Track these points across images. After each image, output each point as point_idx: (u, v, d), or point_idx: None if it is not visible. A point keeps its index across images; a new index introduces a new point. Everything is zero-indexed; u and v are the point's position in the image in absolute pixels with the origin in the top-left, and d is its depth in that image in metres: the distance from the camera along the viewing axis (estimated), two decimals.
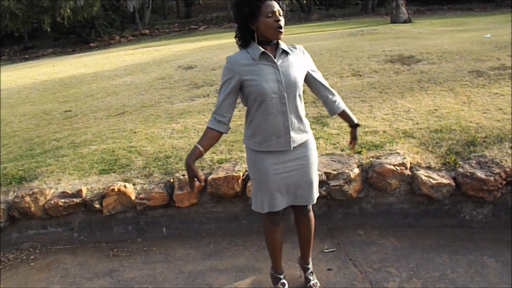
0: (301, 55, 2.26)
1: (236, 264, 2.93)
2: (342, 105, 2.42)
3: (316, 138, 3.80)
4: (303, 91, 2.30)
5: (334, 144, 3.68)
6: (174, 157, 3.91)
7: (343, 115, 2.46)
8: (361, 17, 20.48)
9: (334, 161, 3.36)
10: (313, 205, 3.31)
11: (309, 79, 2.32)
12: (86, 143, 4.56)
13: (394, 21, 13.42)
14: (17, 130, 5.52)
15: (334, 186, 3.14)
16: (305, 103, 4.84)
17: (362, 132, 3.84)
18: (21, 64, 15.53)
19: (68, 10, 19.48)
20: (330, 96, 2.38)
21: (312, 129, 4.03)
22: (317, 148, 3.57)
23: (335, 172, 3.17)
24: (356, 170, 3.21)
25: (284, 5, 2.12)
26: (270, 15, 2.02)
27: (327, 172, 3.18)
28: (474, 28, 9.57)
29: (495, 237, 2.97)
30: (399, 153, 3.38)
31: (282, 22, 2.06)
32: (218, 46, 10.95)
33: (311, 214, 2.46)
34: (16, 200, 3.58)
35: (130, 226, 3.55)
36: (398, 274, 2.63)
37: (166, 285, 2.80)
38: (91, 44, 21.32)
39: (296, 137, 2.22)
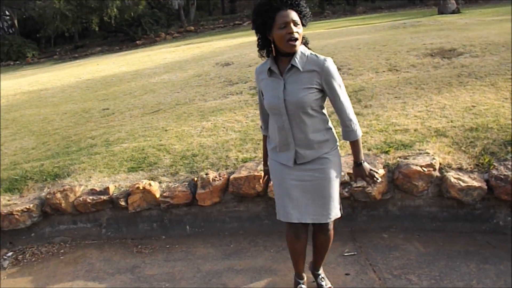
0: (318, 71, 2.02)
1: (254, 265, 2.90)
2: (353, 136, 2.17)
3: None
4: None
5: (362, 143, 3.52)
6: (200, 155, 3.94)
7: (352, 147, 2.24)
8: (408, 8, 19.72)
9: None
10: None
11: (328, 97, 2.13)
12: (119, 141, 4.69)
13: (441, 12, 12.81)
14: (57, 128, 5.77)
15: (357, 187, 3.03)
16: None
17: (392, 131, 3.68)
18: (70, 63, 16.27)
19: (115, 9, 20.17)
20: (346, 122, 2.14)
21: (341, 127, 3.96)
22: (344, 147, 3.51)
23: None
24: (381, 171, 3.08)
25: (305, 11, 2.00)
26: (283, 26, 1.94)
27: (350, 173, 3.07)
28: None
29: None
30: (429, 153, 3.21)
31: (296, 34, 1.95)
32: None
33: (330, 232, 2.35)
34: (48, 196, 3.73)
35: (155, 223, 3.61)
36: (419, 283, 2.49)
37: (182, 284, 2.82)
38: (138, 42, 21.93)
39: (305, 153, 2.14)
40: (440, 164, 3.13)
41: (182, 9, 25.27)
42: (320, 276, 2.49)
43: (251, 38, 2.21)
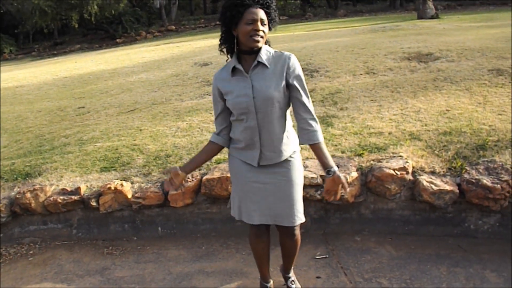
0: (281, 67, 2.01)
1: (225, 267, 2.87)
2: (317, 137, 2.02)
3: None
4: None
5: (336, 145, 3.55)
6: (174, 156, 3.88)
7: (318, 151, 2.01)
8: (389, 12, 19.96)
9: None
10: (309, 209, 3.25)
11: (289, 94, 2.04)
12: (93, 140, 4.59)
13: (421, 17, 12.99)
14: (31, 126, 5.63)
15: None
16: (312, 101, 4.73)
17: (366, 134, 3.69)
18: (48, 60, 15.94)
19: (95, 7, 19.86)
20: (309, 121, 2.03)
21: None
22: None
23: None
24: (354, 174, 3.08)
25: (274, 15, 2.00)
26: (250, 22, 1.92)
27: (322, 175, 3.06)
28: (504, 23, 9.10)
29: (501, 249, 2.78)
30: (402, 157, 3.22)
31: (261, 32, 1.94)
32: None
33: (296, 237, 2.29)
34: (17, 196, 3.63)
35: (127, 224, 3.54)
36: (390, 286, 2.49)
37: (152, 286, 2.77)
38: (118, 40, 21.62)
39: (270, 155, 2.09)
40: (413, 167, 3.14)
41: (163, 8, 25.04)
42: (290, 279, 2.47)
43: None
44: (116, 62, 10.27)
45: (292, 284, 2.46)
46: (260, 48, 2.00)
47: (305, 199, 3.13)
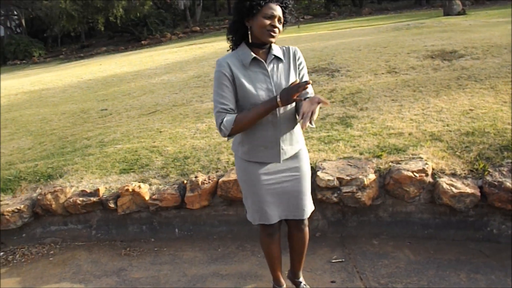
0: (293, 61, 2.09)
1: (240, 270, 2.85)
2: None
3: (336, 140, 3.64)
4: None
5: (354, 147, 3.48)
6: (192, 157, 3.89)
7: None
8: (414, 10, 19.57)
9: (350, 165, 3.18)
10: (326, 211, 3.20)
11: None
12: (114, 142, 4.66)
13: (447, 14, 12.68)
14: (55, 128, 5.77)
15: (346, 192, 2.96)
16: (332, 102, 4.67)
17: (386, 134, 3.61)
18: (75, 63, 16.33)
19: (121, 10, 20.24)
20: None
21: (334, 130, 3.91)
22: (336, 151, 3.46)
23: (348, 178, 2.99)
24: (372, 176, 3.01)
25: (288, 18, 2.03)
26: (269, 16, 1.93)
27: (339, 178, 3.01)
28: None
29: None
30: (422, 158, 3.13)
31: (277, 29, 1.96)
32: None
33: (307, 229, 2.33)
34: (39, 197, 3.71)
35: (144, 226, 3.57)
36: None
37: None
38: (143, 42, 21.98)
39: (287, 149, 2.13)
40: (433, 169, 3.05)
41: (188, 10, 25.31)
42: (302, 284, 2.43)
43: None
44: (139, 64, 10.43)
45: None
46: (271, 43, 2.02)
47: (322, 201, 3.12)
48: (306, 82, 1.80)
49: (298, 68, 2.09)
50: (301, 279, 2.46)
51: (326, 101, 1.82)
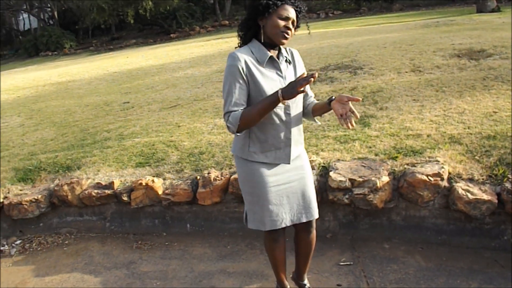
0: (298, 63, 2.14)
1: (247, 268, 2.84)
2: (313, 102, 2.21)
3: (352, 140, 3.58)
4: None
5: (370, 147, 3.41)
6: (207, 153, 3.90)
7: (318, 108, 2.13)
8: (447, 6, 18.96)
9: (364, 166, 3.11)
10: (338, 212, 3.15)
11: None
12: (132, 135, 4.72)
13: (480, 11, 12.23)
14: (78, 120, 5.89)
15: (357, 194, 2.90)
16: None
17: (403, 135, 3.51)
18: (103, 55, 16.66)
19: (150, 2, 20.48)
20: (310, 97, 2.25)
21: (352, 129, 3.82)
22: (351, 151, 3.41)
23: (360, 179, 2.93)
24: (385, 178, 2.93)
25: (299, 22, 2.01)
26: (284, 17, 1.92)
27: (352, 179, 2.95)
28: None
29: None
30: (438, 162, 3.03)
31: (290, 32, 1.96)
32: None
33: (314, 232, 2.29)
34: (56, 188, 3.80)
35: (157, 220, 3.61)
36: None
37: (173, 283, 2.80)
38: (172, 35, 22.15)
39: (295, 150, 2.14)
40: (449, 173, 2.95)
41: (217, 3, 25.34)
42: (306, 286, 2.40)
43: None
44: (165, 57, 10.53)
45: None
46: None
47: (333, 202, 3.07)
48: (312, 75, 1.75)
49: (302, 71, 2.11)
50: (306, 281, 2.43)
51: (355, 98, 1.85)
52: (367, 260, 2.77)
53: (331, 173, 3.01)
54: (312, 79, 1.75)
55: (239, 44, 2.10)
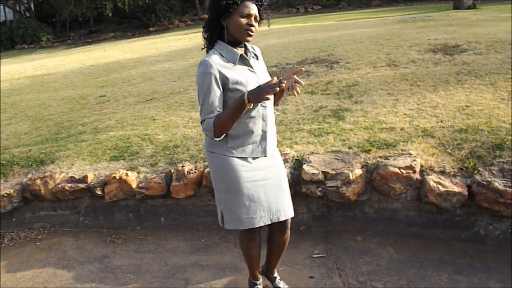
0: (261, 58, 2.18)
1: (220, 262, 2.84)
2: None
3: (327, 133, 3.60)
4: None
5: (344, 140, 3.43)
6: (182, 146, 3.86)
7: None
8: (425, 2, 19.19)
9: (338, 159, 3.13)
10: (311, 205, 3.17)
11: None
12: (107, 129, 4.65)
13: (457, 7, 12.43)
14: (52, 113, 5.77)
15: (330, 186, 2.91)
16: (328, 94, 4.60)
17: (377, 129, 3.55)
18: (80, 48, 16.34)
19: None
20: None
21: (326, 123, 3.85)
22: (325, 144, 3.43)
23: (333, 172, 2.94)
24: (358, 171, 2.96)
25: (266, 14, 2.01)
26: (246, 15, 1.91)
27: (324, 171, 2.96)
28: None
29: (511, 258, 2.60)
30: (411, 154, 3.07)
31: (254, 28, 1.95)
32: (264, 32, 10.72)
33: (289, 232, 2.28)
34: (28, 182, 3.72)
35: (131, 213, 3.57)
36: None
37: (147, 276, 2.78)
38: (151, 29, 21.83)
39: (271, 143, 2.15)
40: (421, 166, 2.99)
41: None
42: (277, 279, 2.40)
43: (262, 28, 2.12)
44: (142, 51, 10.40)
45: (279, 284, 2.39)
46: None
47: (306, 195, 3.08)
48: (280, 84, 1.76)
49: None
50: (276, 274, 2.43)
51: (299, 69, 1.92)
52: (340, 252, 2.79)
53: (304, 166, 3.02)
54: (278, 88, 1.76)
55: (206, 46, 2.08)
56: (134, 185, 3.47)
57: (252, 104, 1.86)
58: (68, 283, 2.82)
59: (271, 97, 2.08)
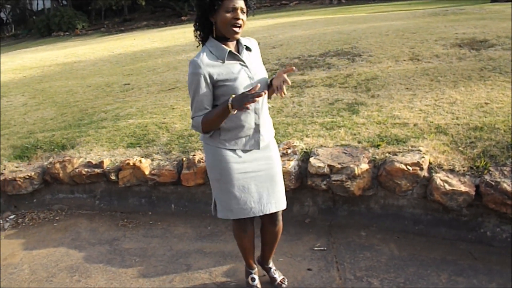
0: (257, 50, 2.17)
1: (222, 249, 2.90)
2: None
3: (338, 127, 3.58)
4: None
5: (355, 134, 3.40)
6: (196, 136, 3.93)
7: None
8: None
9: (346, 153, 3.11)
10: (317, 198, 3.17)
11: None
12: (127, 117, 4.78)
13: (495, 0, 11.94)
14: (78, 100, 5.97)
15: (335, 180, 2.91)
16: (345, 87, 4.56)
17: (390, 124, 3.50)
18: (112, 37, 16.72)
19: None
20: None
21: (340, 116, 3.83)
22: (335, 137, 3.41)
23: (339, 166, 2.94)
24: (364, 166, 2.94)
25: (251, 2, 2.01)
26: (231, 9, 1.91)
27: (330, 165, 2.96)
28: None
29: None
30: (420, 151, 3.02)
31: (241, 21, 1.94)
32: (292, 23, 10.70)
33: (281, 224, 2.31)
34: (48, 166, 3.89)
35: (144, 199, 3.68)
36: (380, 287, 2.38)
37: (151, 260, 2.87)
38: (183, 18, 22.08)
39: (265, 136, 2.16)
40: (430, 163, 2.94)
41: None
42: (272, 269, 2.44)
43: (289, 19, 2.18)
44: (170, 40, 10.55)
45: (275, 274, 2.43)
46: None
47: (312, 188, 3.09)
48: (260, 93, 1.78)
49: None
50: (271, 264, 2.47)
51: (290, 68, 1.91)
52: (341, 247, 2.79)
53: (311, 159, 3.03)
54: (258, 98, 1.78)
55: (199, 43, 2.10)
56: (147, 172, 3.56)
57: (236, 111, 1.87)
58: (78, 263, 2.95)
59: (266, 88, 2.10)
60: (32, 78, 8.15)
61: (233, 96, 1.88)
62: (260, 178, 2.14)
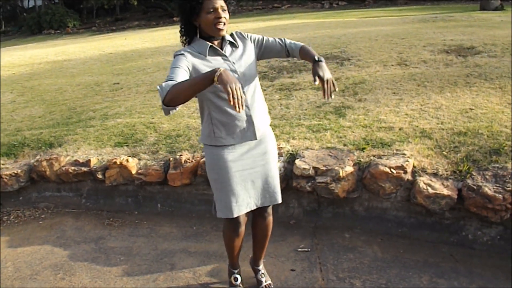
0: (248, 41, 2.14)
1: (207, 249, 2.91)
2: (300, 44, 2.15)
3: (325, 130, 3.61)
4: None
5: (340, 137, 3.44)
6: (184, 136, 3.95)
7: (304, 52, 2.09)
8: (452, 2, 18.76)
9: (331, 155, 3.15)
10: (302, 200, 3.20)
11: (261, 48, 2.15)
12: (116, 116, 4.77)
13: (483, 8, 12.12)
14: (67, 98, 5.93)
15: (320, 182, 2.94)
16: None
17: (376, 128, 3.54)
18: (103, 36, 16.62)
19: None
20: (286, 42, 2.18)
21: (326, 119, 3.86)
22: (321, 140, 3.44)
23: (324, 168, 2.97)
24: (349, 168, 2.97)
25: (232, 2, 2.03)
26: (211, 10, 1.92)
27: (315, 167, 2.99)
28: None
29: (497, 265, 2.57)
30: (405, 155, 3.07)
31: (224, 19, 1.95)
32: (283, 27, 10.75)
33: (271, 218, 2.33)
34: (35, 163, 3.87)
35: (130, 198, 3.67)
36: None
37: (136, 259, 2.87)
38: (175, 19, 21.99)
39: (260, 126, 2.12)
40: (414, 167, 2.98)
41: None
42: (260, 272, 2.45)
43: (279, 22, 2.19)
44: (161, 40, 10.53)
45: (262, 277, 2.43)
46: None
47: (297, 190, 3.11)
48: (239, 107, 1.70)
49: (255, 41, 2.14)
50: (261, 267, 2.48)
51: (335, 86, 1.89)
52: (325, 248, 2.82)
53: (296, 161, 3.06)
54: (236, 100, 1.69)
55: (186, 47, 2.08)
56: (133, 171, 3.56)
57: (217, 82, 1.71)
58: (62, 261, 2.94)
59: (252, 79, 2.09)
60: (21, 75, 8.09)
61: (223, 70, 1.68)
62: (256, 174, 2.15)
